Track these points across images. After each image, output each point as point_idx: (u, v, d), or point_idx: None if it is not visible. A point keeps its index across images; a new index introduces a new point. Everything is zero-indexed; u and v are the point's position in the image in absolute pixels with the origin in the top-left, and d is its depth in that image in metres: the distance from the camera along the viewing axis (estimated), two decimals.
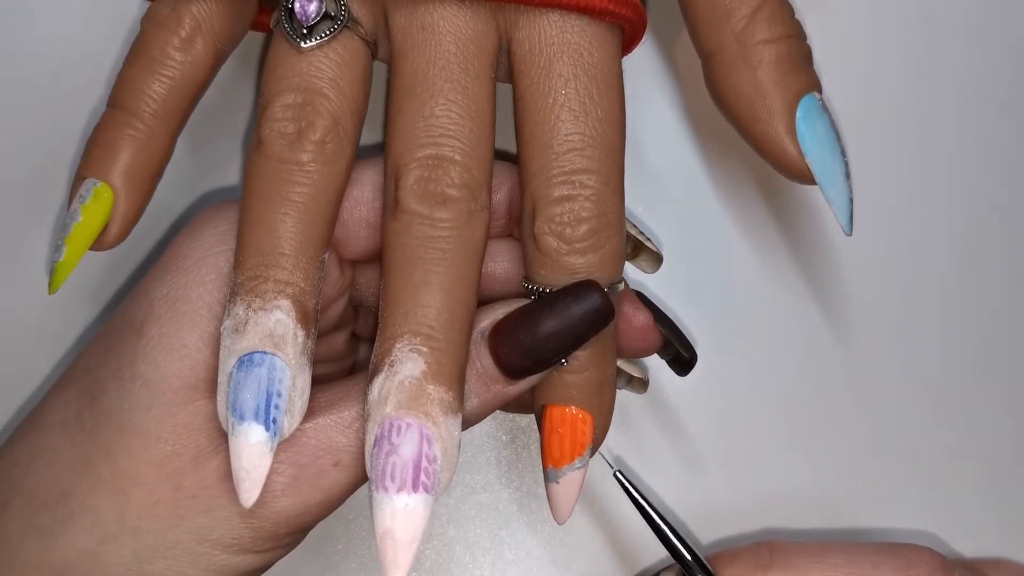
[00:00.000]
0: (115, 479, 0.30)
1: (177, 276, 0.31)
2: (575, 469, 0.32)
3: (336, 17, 0.30)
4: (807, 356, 0.39)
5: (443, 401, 0.29)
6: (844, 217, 0.31)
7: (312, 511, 0.30)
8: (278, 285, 0.29)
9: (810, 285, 0.39)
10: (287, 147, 0.30)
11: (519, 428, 0.39)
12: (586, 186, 0.30)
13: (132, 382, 0.30)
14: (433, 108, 0.30)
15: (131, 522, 0.30)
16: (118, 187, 0.31)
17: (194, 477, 0.30)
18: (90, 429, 0.31)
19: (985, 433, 0.40)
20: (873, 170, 0.38)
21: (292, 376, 0.29)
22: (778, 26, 0.31)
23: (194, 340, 0.30)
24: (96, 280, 0.38)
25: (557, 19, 0.30)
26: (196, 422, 0.30)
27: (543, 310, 0.30)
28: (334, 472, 0.30)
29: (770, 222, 0.38)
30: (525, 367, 0.31)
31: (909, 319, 0.39)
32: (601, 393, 0.32)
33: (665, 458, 0.40)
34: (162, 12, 0.31)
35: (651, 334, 0.34)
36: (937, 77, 0.39)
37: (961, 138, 0.39)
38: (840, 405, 0.40)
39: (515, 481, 0.40)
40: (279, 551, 0.32)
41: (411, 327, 0.29)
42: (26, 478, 0.31)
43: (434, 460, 0.29)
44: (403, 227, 0.30)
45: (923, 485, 0.40)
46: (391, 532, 0.28)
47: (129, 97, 0.31)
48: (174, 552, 0.30)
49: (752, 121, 0.31)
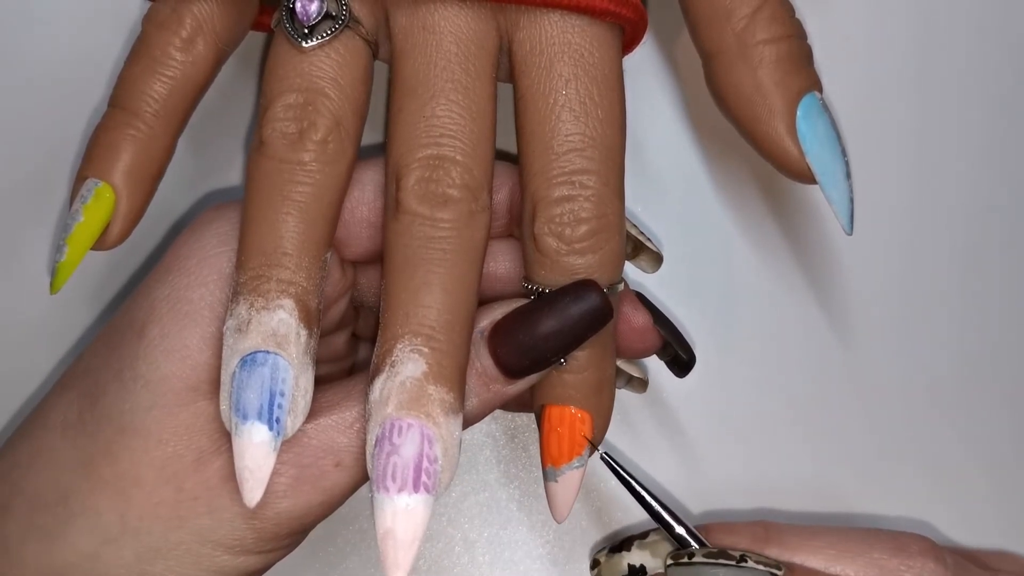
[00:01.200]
0: (116, 480, 0.30)
1: (179, 276, 0.31)
2: (574, 468, 0.32)
3: (337, 17, 0.30)
4: (807, 356, 0.39)
5: (444, 401, 0.29)
6: (845, 217, 0.31)
7: (314, 512, 0.30)
8: (281, 285, 0.29)
9: (810, 285, 0.39)
10: (289, 147, 0.30)
11: (518, 428, 0.40)
12: (586, 186, 0.30)
13: (133, 383, 0.30)
14: (434, 108, 0.30)
15: (132, 523, 0.30)
16: (119, 187, 0.31)
17: (196, 478, 0.30)
18: (91, 430, 0.31)
19: (984, 432, 0.40)
20: (874, 170, 0.38)
21: (295, 375, 0.29)
22: (778, 26, 0.31)
23: (195, 341, 0.30)
24: (97, 280, 0.38)
25: (558, 19, 0.30)
26: (198, 423, 0.30)
27: (542, 310, 0.30)
28: (335, 473, 0.30)
29: (770, 222, 0.39)
30: (524, 367, 0.31)
31: (909, 320, 0.39)
32: (600, 393, 0.32)
33: (664, 457, 0.40)
34: (163, 12, 0.31)
35: (650, 335, 0.34)
36: (937, 76, 0.39)
37: (961, 138, 0.39)
38: (840, 405, 0.40)
39: (514, 481, 0.40)
40: (280, 552, 0.32)
41: (412, 328, 0.29)
42: (27, 479, 0.31)
43: (435, 460, 0.29)
44: (404, 227, 0.30)
45: (923, 484, 0.40)
46: (392, 532, 0.28)
47: (130, 97, 0.31)
48: (176, 553, 0.30)
49: (753, 121, 0.31)
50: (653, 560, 0.36)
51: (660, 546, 0.36)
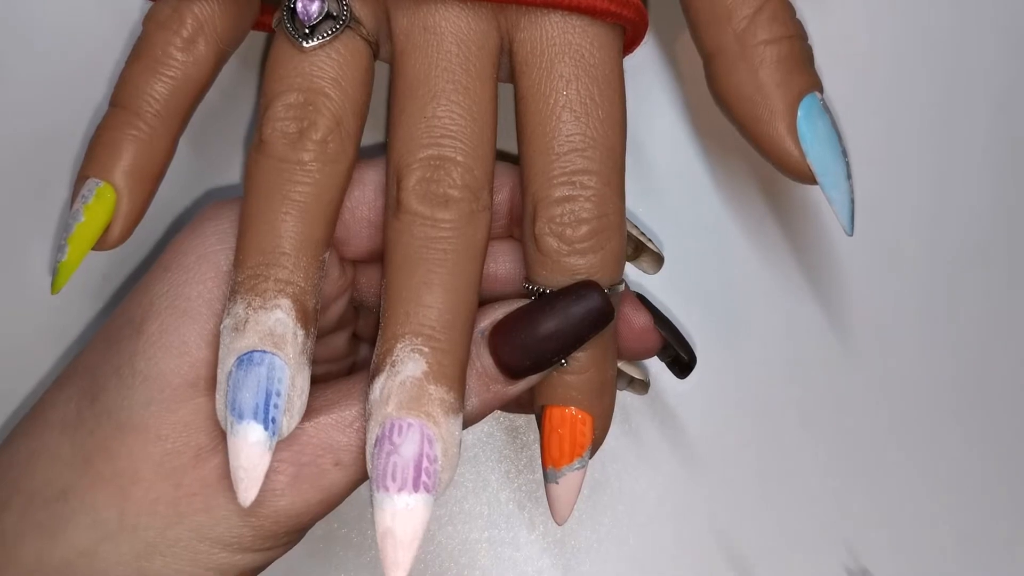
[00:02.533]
0: (114, 477, 0.30)
1: (177, 274, 0.31)
2: (574, 470, 0.32)
3: (338, 17, 0.30)
4: (808, 357, 0.39)
5: (444, 401, 0.29)
6: (846, 217, 0.31)
7: (312, 510, 0.30)
8: (278, 284, 0.29)
9: (811, 286, 0.39)
10: (289, 146, 0.30)
11: (518, 427, 0.40)
12: (587, 187, 0.30)
13: (131, 379, 0.30)
14: (435, 109, 0.30)
15: (130, 520, 0.30)
16: (120, 187, 0.31)
17: (194, 475, 0.30)
18: (90, 427, 0.31)
19: (985, 431, 0.40)
20: (874, 170, 0.38)
21: (291, 375, 0.29)
22: (779, 26, 0.31)
23: (194, 337, 0.30)
24: (98, 279, 0.38)
25: (559, 20, 0.30)
26: (196, 420, 0.30)
27: (543, 310, 0.30)
28: (334, 471, 0.30)
29: (771, 223, 0.39)
30: (525, 367, 0.31)
31: (911, 320, 0.39)
32: (601, 394, 0.32)
33: (664, 457, 0.40)
34: (164, 12, 0.31)
35: (650, 336, 0.34)
36: (938, 77, 0.39)
37: (963, 138, 0.39)
38: (842, 406, 0.40)
39: (514, 481, 0.40)
40: (278, 549, 0.32)
41: (413, 327, 0.29)
42: (26, 477, 0.31)
43: (435, 460, 0.29)
44: (405, 227, 0.30)
45: (925, 482, 0.40)
46: (392, 531, 0.28)
47: (131, 97, 0.31)
48: (174, 550, 0.30)
49: (754, 121, 0.31)
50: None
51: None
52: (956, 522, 0.40)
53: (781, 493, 0.40)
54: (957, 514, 0.40)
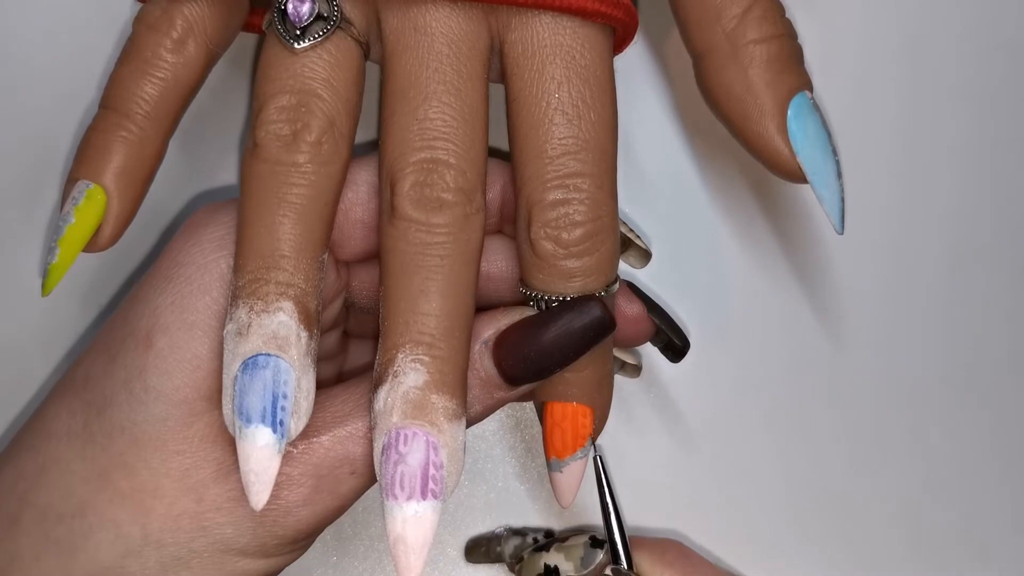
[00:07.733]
0: (134, 492, 0.30)
1: (180, 284, 0.31)
2: (577, 459, 0.33)
3: (329, 18, 0.30)
4: (797, 356, 0.40)
5: (447, 409, 0.29)
6: (836, 216, 0.31)
7: (330, 515, 0.31)
8: (279, 287, 0.29)
9: (801, 284, 0.39)
10: (283, 149, 0.30)
11: (518, 425, 0.40)
12: (580, 190, 0.30)
13: (144, 394, 0.30)
14: (427, 111, 0.30)
15: (154, 535, 0.30)
16: (111, 189, 0.31)
17: (217, 489, 0.30)
18: (101, 441, 0.31)
19: (971, 430, 0.40)
20: (864, 169, 0.38)
21: (297, 377, 0.29)
22: (769, 25, 0.31)
23: (206, 351, 0.30)
24: (89, 282, 0.38)
25: (549, 21, 0.30)
26: (212, 434, 0.30)
27: (546, 325, 0.30)
28: (351, 480, 0.31)
29: (761, 221, 0.39)
30: (528, 377, 0.31)
31: (899, 317, 0.40)
32: (600, 388, 0.32)
33: (657, 439, 0.40)
34: (154, 14, 0.31)
35: (644, 324, 0.35)
36: (929, 76, 0.39)
37: (953, 137, 0.39)
38: (828, 403, 0.40)
39: (515, 481, 0.40)
40: (296, 553, 0.32)
41: (412, 336, 0.29)
42: (36, 492, 0.31)
43: (441, 466, 0.29)
44: (400, 233, 0.30)
45: (909, 478, 0.40)
46: (403, 538, 0.28)
47: (121, 99, 0.31)
48: (199, 561, 0.30)
49: (743, 120, 0.31)
50: (566, 563, 0.37)
51: (574, 551, 0.37)
52: (937, 518, 0.40)
53: (767, 477, 0.40)
54: (941, 509, 0.40)
